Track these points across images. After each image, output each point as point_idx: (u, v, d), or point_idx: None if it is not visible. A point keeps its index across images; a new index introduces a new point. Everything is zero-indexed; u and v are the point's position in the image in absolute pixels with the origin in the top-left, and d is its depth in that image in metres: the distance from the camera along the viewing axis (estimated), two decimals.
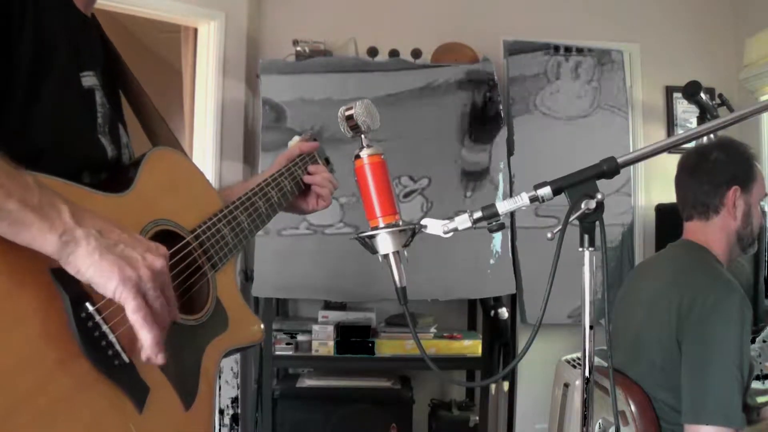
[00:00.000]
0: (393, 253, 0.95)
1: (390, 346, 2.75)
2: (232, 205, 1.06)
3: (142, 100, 1.11)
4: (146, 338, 0.74)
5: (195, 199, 1.01)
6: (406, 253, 0.97)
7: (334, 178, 1.31)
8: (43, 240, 0.70)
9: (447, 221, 0.97)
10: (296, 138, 1.35)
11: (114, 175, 0.93)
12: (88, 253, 0.71)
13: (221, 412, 2.96)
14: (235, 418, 2.98)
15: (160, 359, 0.75)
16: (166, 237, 0.92)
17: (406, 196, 2.78)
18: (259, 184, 1.15)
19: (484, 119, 2.88)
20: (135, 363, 0.78)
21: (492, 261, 2.79)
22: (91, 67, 0.95)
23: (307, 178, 1.27)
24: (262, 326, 1.08)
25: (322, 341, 2.72)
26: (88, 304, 0.75)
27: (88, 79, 0.94)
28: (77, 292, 0.74)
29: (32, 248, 0.70)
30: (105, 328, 0.76)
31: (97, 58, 1.00)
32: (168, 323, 0.78)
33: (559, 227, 0.91)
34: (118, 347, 0.77)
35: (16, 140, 0.81)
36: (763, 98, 3.19)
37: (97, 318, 0.75)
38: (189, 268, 0.95)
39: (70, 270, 0.72)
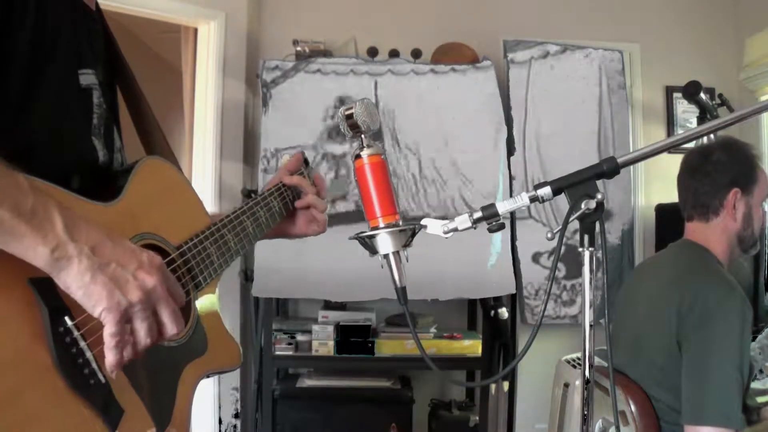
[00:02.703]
0: (393, 253, 0.95)
1: (390, 346, 2.75)
2: (220, 222, 1.01)
3: (139, 102, 1.05)
4: (109, 358, 0.72)
5: (183, 214, 0.96)
6: (406, 253, 0.97)
7: (321, 201, 1.20)
8: (34, 254, 0.67)
9: (447, 221, 0.97)
10: (286, 157, 1.28)
11: (103, 182, 0.88)
12: (80, 273, 0.69)
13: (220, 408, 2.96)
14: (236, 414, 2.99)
15: (113, 375, 0.73)
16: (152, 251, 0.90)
17: None
18: (248, 203, 1.09)
19: None
20: (111, 383, 0.76)
21: (492, 261, 2.79)
22: (90, 65, 0.90)
23: (298, 203, 1.19)
24: (240, 351, 1.03)
25: (322, 341, 2.72)
26: (67, 318, 0.72)
27: (86, 77, 0.89)
28: (57, 304, 0.71)
29: (22, 259, 0.68)
30: (83, 344, 0.73)
31: (97, 54, 0.95)
32: (153, 342, 0.75)
33: (559, 227, 0.91)
34: (94, 365, 0.74)
35: (8, 138, 0.77)
36: (763, 98, 3.19)
37: (75, 333, 0.73)
38: None
39: (60, 285, 0.70)
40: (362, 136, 0.98)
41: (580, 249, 0.93)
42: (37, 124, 0.80)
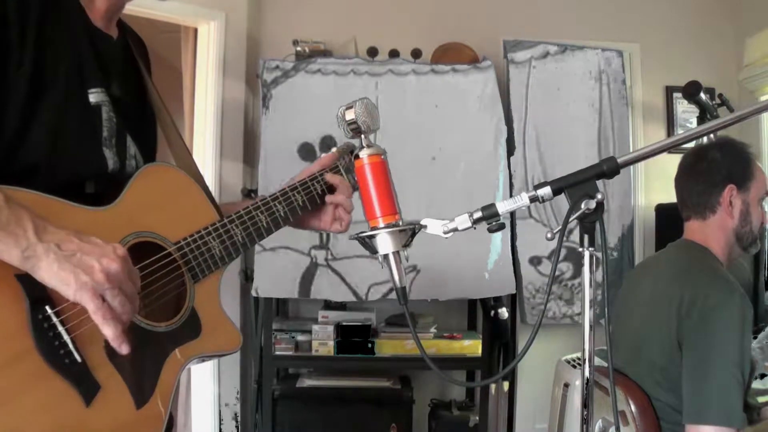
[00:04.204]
0: (393, 253, 0.95)
1: (390, 346, 2.75)
2: (227, 218, 1.08)
3: (160, 114, 1.15)
4: (108, 333, 0.82)
5: (186, 213, 1.05)
6: (406, 253, 0.97)
7: (349, 202, 1.21)
8: (9, 255, 0.80)
9: (447, 221, 0.97)
10: (333, 150, 1.26)
11: (111, 187, 0.99)
12: (48, 265, 0.80)
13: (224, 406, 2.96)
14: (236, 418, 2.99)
15: (124, 349, 0.83)
16: (150, 249, 0.98)
17: None
18: (265, 198, 1.14)
19: None
20: (87, 362, 0.86)
21: (492, 261, 2.79)
22: (99, 84, 1.01)
23: (329, 198, 1.20)
24: (238, 336, 1.09)
25: (322, 341, 2.72)
26: (47, 307, 0.84)
27: (96, 96, 1.00)
28: (39, 295, 0.83)
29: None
30: (60, 329, 0.84)
31: (112, 73, 1.05)
32: (130, 316, 0.85)
33: (559, 227, 0.91)
34: (71, 347, 0.85)
35: (12, 155, 0.89)
36: (763, 98, 3.19)
37: (54, 320, 0.84)
38: (166, 278, 0.99)
39: (38, 279, 0.81)
40: (362, 135, 0.98)
41: (580, 249, 0.93)
42: (38, 142, 0.91)
